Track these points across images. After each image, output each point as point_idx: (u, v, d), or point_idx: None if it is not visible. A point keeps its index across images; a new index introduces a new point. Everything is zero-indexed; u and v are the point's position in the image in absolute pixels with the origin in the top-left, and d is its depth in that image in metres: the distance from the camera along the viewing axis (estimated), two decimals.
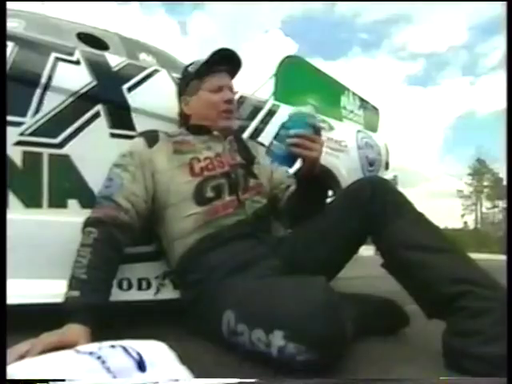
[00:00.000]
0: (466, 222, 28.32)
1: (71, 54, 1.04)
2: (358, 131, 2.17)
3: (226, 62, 1.10)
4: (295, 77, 2.00)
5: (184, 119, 1.13)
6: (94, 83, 1.03)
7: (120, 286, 1.00)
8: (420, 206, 0.87)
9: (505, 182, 25.67)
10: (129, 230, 0.89)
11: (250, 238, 0.95)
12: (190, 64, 1.14)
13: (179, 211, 0.94)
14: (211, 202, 0.95)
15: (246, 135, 1.34)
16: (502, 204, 26.55)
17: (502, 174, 26.79)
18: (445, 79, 54.73)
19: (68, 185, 0.98)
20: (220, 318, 0.77)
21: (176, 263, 0.97)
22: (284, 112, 1.59)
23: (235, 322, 0.74)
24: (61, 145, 0.97)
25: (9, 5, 0.78)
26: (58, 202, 0.96)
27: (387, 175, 2.38)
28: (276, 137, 0.86)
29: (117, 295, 0.95)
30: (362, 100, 2.53)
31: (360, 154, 2.07)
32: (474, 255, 0.80)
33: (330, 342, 0.63)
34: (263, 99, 1.57)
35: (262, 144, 1.23)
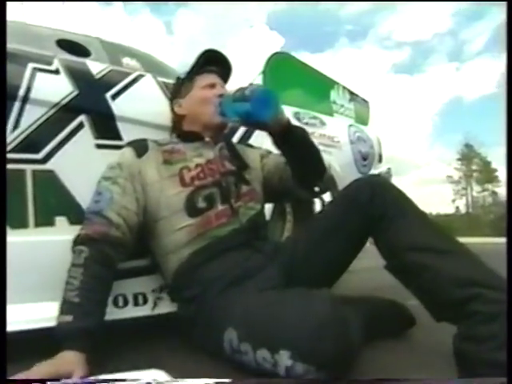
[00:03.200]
0: (457, 207, 28.54)
1: (50, 64, 0.99)
2: (350, 125, 2.15)
3: (213, 63, 1.09)
4: (283, 73, 1.96)
5: (178, 123, 1.09)
6: (76, 93, 0.98)
7: (115, 303, 0.96)
8: (412, 194, 0.85)
9: (495, 172, 26.00)
10: (121, 246, 0.85)
11: (246, 248, 0.91)
12: (182, 74, 1.13)
13: (171, 224, 0.90)
14: (204, 213, 0.91)
15: (237, 135, 1.31)
16: (492, 187, 26.89)
17: (490, 157, 27.21)
18: (431, 66, 54.92)
19: (54, 201, 0.93)
20: (221, 336, 0.74)
21: (170, 278, 0.93)
22: None
23: (238, 341, 0.70)
24: (44, 160, 0.92)
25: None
26: (44, 221, 0.91)
27: (381, 168, 2.37)
28: (243, 98, 0.84)
29: (112, 313, 0.92)
30: (351, 93, 2.50)
31: (353, 149, 2.04)
32: (466, 239, 0.79)
33: (340, 360, 0.61)
34: None
35: (251, 146, 1.19)
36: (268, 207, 1.35)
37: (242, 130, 1.35)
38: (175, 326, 0.96)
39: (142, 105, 1.11)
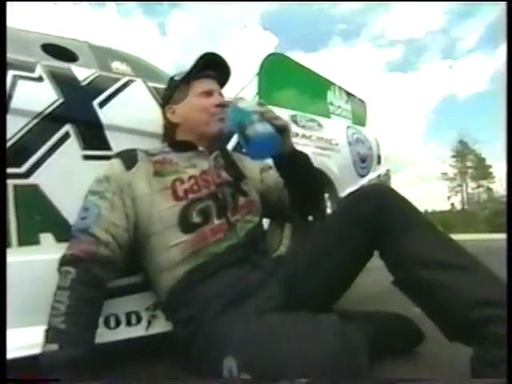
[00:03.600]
0: (452, 204, 28.61)
1: (32, 70, 0.93)
2: (348, 127, 2.11)
3: (212, 67, 1.02)
4: (279, 75, 1.91)
5: (170, 130, 1.03)
6: (61, 101, 0.92)
7: (107, 324, 0.90)
8: (408, 191, 0.81)
9: (490, 168, 26.05)
10: (111, 265, 0.80)
11: (244, 264, 0.85)
12: (176, 75, 1.06)
13: (164, 240, 0.84)
14: (199, 228, 0.85)
15: (232, 143, 1.26)
16: (486, 183, 27.03)
17: (485, 154, 27.40)
18: (424, 64, 55.22)
19: (39, 218, 0.87)
20: (220, 363, 0.68)
21: (165, 297, 0.87)
22: None
23: (238, 370, 0.65)
24: (27, 174, 0.86)
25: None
26: (29, 239, 0.85)
27: (380, 169, 2.32)
28: (243, 134, 0.82)
29: (104, 335, 0.86)
30: (348, 94, 2.45)
31: (351, 151, 2.00)
32: (462, 236, 0.75)
33: None
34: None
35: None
36: None
37: (235, 138, 1.30)
38: (171, 346, 0.91)
39: (131, 112, 1.05)
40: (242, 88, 1.99)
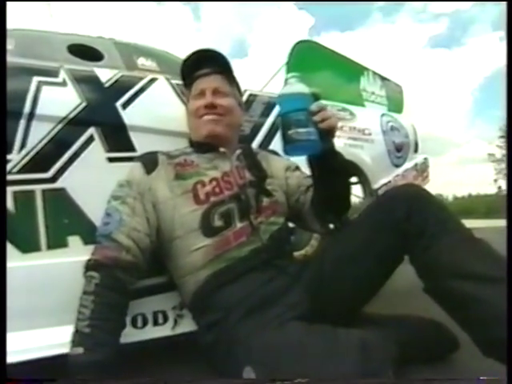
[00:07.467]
0: (499, 187, 26.95)
1: (56, 75, 0.94)
2: (383, 115, 2.00)
3: (206, 64, 0.98)
4: (308, 63, 1.83)
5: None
6: (84, 104, 0.93)
7: (134, 324, 0.92)
8: (451, 174, 0.74)
9: None
10: (134, 270, 0.80)
11: (268, 269, 0.83)
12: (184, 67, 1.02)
13: (186, 244, 0.83)
14: (221, 232, 0.83)
15: (259, 137, 1.23)
16: None
17: None
18: (471, 38, 52.06)
19: (67, 221, 0.89)
20: (240, 374, 0.67)
21: (188, 302, 0.87)
22: None
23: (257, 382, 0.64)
24: (54, 178, 0.88)
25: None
26: (57, 242, 0.87)
27: (416, 158, 2.21)
28: (285, 130, 0.74)
29: (131, 335, 0.88)
30: (383, 79, 2.33)
31: (386, 140, 1.90)
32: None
33: None
34: (275, 95, 1.43)
35: (275, 153, 1.09)
36: None
37: (265, 128, 1.27)
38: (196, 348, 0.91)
39: (154, 111, 1.04)
40: (270, 78, 1.93)
